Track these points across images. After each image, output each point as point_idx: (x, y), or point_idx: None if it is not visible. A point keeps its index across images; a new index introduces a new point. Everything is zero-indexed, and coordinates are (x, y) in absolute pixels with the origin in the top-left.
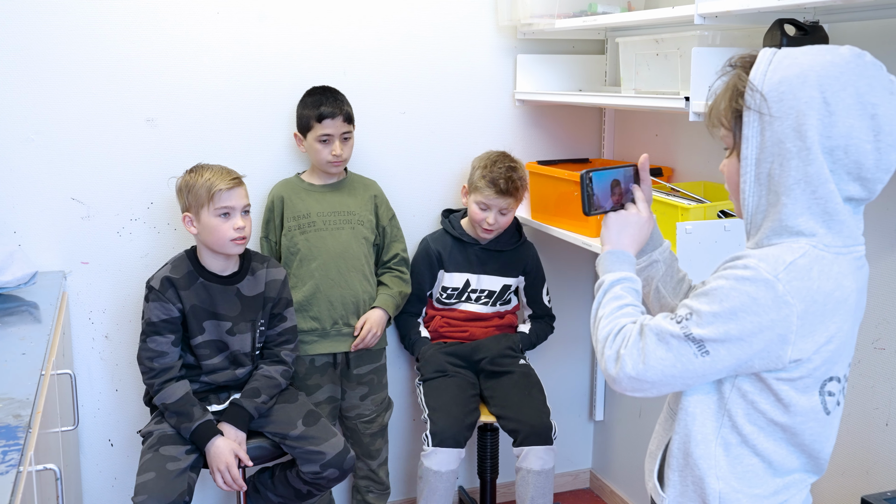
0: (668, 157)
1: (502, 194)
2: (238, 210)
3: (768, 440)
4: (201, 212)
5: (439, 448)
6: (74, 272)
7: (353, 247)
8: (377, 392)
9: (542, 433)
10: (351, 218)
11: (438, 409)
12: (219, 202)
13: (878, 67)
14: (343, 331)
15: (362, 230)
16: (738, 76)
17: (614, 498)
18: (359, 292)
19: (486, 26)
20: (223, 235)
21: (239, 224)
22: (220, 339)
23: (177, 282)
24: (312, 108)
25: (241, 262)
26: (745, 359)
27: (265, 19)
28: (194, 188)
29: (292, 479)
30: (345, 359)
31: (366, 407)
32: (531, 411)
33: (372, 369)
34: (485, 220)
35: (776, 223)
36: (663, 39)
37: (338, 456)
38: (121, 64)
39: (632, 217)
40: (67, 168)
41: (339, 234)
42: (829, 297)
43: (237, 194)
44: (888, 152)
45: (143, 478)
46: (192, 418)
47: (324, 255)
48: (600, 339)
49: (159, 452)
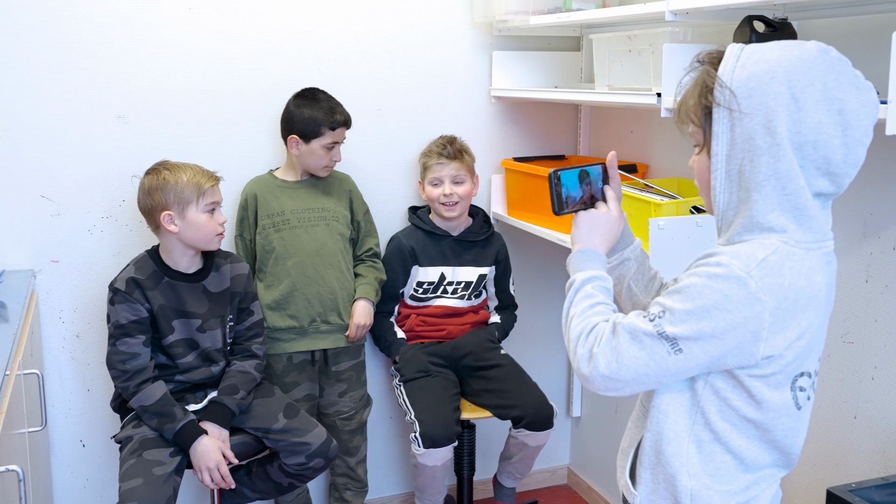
0: (643, 154)
1: (448, 158)
2: (220, 205)
3: (741, 437)
4: (188, 209)
5: (431, 449)
6: (44, 271)
7: (328, 243)
8: (356, 389)
9: (546, 418)
10: (326, 214)
11: (425, 411)
12: (209, 198)
13: (843, 63)
14: (321, 328)
15: (338, 226)
16: (707, 72)
17: (591, 494)
18: (336, 289)
19: (461, 23)
20: (210, 230)
21: (222, 219)
22: (190, 338)
23: (142, 282)
24: (326, 116)
25: (205, 259)
26: (718, 356)
27: (238, 14)
28: (178, 186)
29: (273, 473)
30: (323, 356)
31: (344, 404)
32: (532, 398)
33: (351, 366)
34: (441, 194)
35: (747, 219)
36: (636, 36)
37: (322, 445)
38: (91, 59)
39: (602, 216)
40: (36, 165)
41: (315, 232)
42: (801, 293)
43: (219, 190)
44: (855, 147)
45: (130, 484)
46: (174, 419)
47: (300, 253)
48: (572, 338)
49: (143, 457)
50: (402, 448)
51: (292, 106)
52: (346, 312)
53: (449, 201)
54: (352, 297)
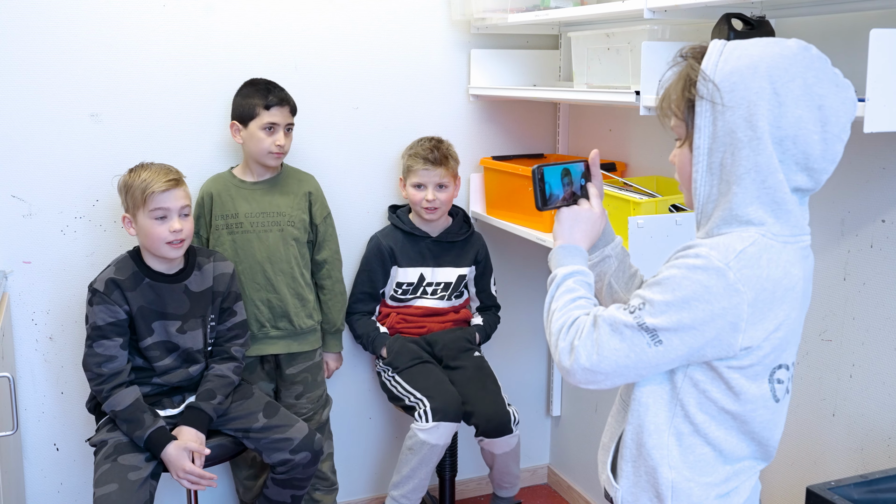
0: (622, 152)
1: (432, 164)
2: (175, 211)
3: (719, 428)
4: (137, 213)
5: (441, 423)
6: (16, 272)
7: (280, 250)
8: (312, 390)
9: (501, 425)
10: (280, 219)
11: (431, 388)
12: (153, 204)
13: (823, 60)
14: (271, 333)
15: (292, 231)
16: (691, 66)
17: (572, 493)
18: (287, 296)
19: (439, 21)
20: (158, 238)
21: (175, 227)
22: (169, 340)
23: (122, 283)
24: (259, 96)
25: (187, 258)
26: (697, 347)
27: (213, 12)
28: (131, 189)
29: (272, 493)
30: (275, 360)
31: (302, 405)
32: (488, 404)
33: (304, 368)
34: (423, 199)
35: (726, 212)
36: (614, 34)
37: (305, 439)
38: (63, 57)
39: (584, 212)
40: (7, 164)
41: (267, 237)
42: (778, 285)
43: (173, 196)
44: (833, 143)
45: (104, 490)
46: (143, 425)
47: (249, 259)
48: (554, 331)
49: (118, 462)
50: (382, 449)
51: (235, 94)
52: (298, 317)
53: (431, 206)
54: (305, 301)
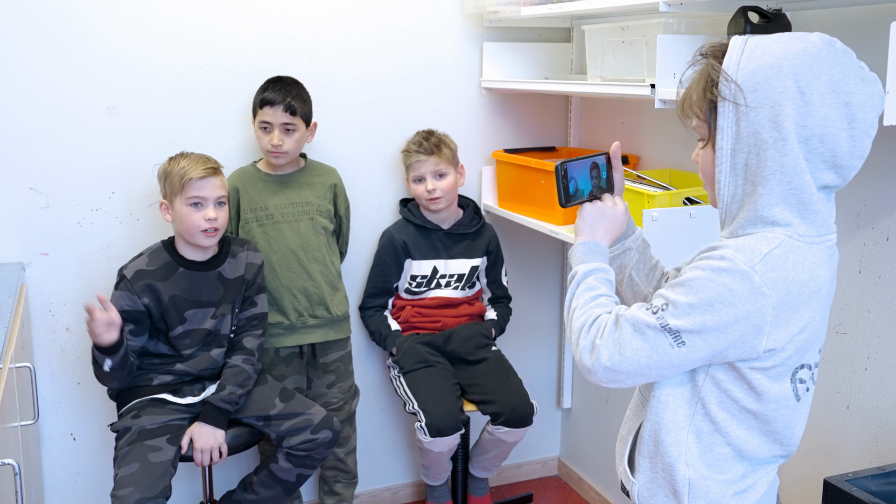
0: (635, 145)
1: (425, 153)
2: (211, 200)
3: (740, 428)
4: (175, 200)
5: (438, 438)
6: (34, 263)
7: (312, 238)
8: (344, 380)
9: (525, 416)
10: (309, 209)
11: (429, 401)
12: (190, 191)
13: (848, 54)
14: (309, 322)
15: (321, 220)
16: (711, 66)
17: (582, 485)
18: (322, 284)
19: (452, 14)
20: (193, 225)
21: (211, 215)
22: (201, 327)
23: (153, 274)
24: (259, 94)
25: (221, 245)
26: (720, 349)
27: (229, 5)
28: (170, 175)
29: (279, 470)
30: (311, 349)
31: (333, 395)
32: (512, 395)
33: (339, 357)
34: (424, 191)
35: (751, 213)
36: (629, 27)
37: (325, 419)
38: (80, 51)
39: (608, 209)
40: (25, 157)
41: (298, 227)
42: (804, 288)
43: (210, 184)
44: (861, 139)
45: (126, 469)
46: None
47: (283, 249)
48: (575, 329)
49: (142, 444)
50: (393, 440)
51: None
52: (333, 305)
53: (433, 196)
54: (336, 288)
